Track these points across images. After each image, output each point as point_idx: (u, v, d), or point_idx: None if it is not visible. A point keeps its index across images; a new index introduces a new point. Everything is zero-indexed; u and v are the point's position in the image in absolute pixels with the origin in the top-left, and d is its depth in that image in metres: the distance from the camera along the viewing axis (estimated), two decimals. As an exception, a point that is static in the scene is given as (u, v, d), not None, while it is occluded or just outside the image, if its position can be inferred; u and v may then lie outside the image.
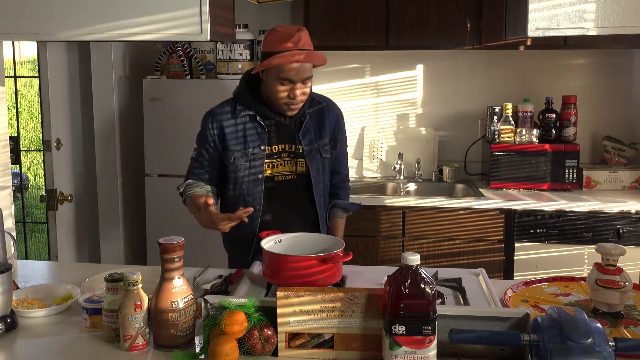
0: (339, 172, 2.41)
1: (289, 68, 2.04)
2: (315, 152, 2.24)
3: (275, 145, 2.21)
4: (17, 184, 5.32)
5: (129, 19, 1.89)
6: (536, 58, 3.75)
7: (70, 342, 1.62)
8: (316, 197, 2.26)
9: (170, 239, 1.55)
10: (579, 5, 1.81)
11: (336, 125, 2.31)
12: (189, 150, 3.48)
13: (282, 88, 2.08)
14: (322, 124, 2.26)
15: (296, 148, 2.22)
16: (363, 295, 1.47)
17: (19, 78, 5.49)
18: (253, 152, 2.18)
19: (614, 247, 1.73)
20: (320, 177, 2.27)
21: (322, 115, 2.27)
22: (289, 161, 2.23)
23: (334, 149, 2.31)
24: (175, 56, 3.58)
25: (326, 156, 2.28)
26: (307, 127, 2.23)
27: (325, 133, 2.27)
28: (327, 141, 2.28)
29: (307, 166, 2.22)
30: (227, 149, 2.20)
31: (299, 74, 2.06)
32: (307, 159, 2.21)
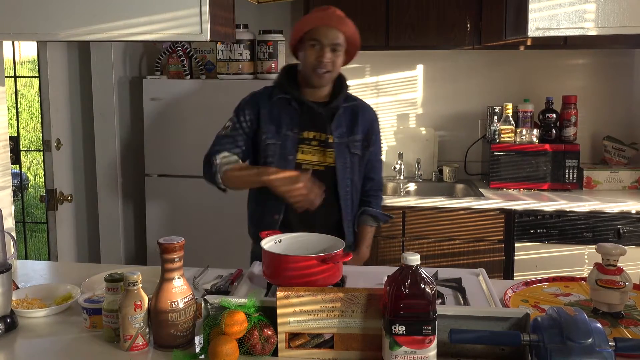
0: (371, 178, 2.37)
1: (318, 30, 2.14)
2: (344, 146, 2.24)
3: (307, 132, 2.23)
4: (17, 184, 5.32)
5: (129, 19, 1.89)
6: (536, 58, 3.75)
7: (70, 342, 1.62)
8: (341, 191, 2.24)
9: (170, 239, 1.55)
10: (579, 5, 1.81)
11: (371, 127, 2.32)
12: (189, 150, 3.51)
13: (313, 50, 2.15)
14: (355, 121, 2.28)
15: (326, 137, 2.23)
16: (363, 295, 1.47)
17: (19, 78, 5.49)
18: (285, 133, 2.21)
19: (614, 247, 1.73)
20: (348, 173, 2.25)
21: (356, 113, 2.29)
22: (318, 150, 2.24)
23: (366, 148, 2.30)
24: (175, 56, 3.59)
25: (355, 152, 2.27)
26: (340, 120, 2.25)
27: (357, 130, 2.27)
28: (359, 138, 2.27)
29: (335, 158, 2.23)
30: (260, 129, 2.23)
31: (327, 37, 2.13)
32: (335, 150, 2.22)
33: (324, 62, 2.15)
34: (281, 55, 3.48)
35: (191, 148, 3.51)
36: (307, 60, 2.18)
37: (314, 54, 2.15)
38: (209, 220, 3.48)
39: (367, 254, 2.37)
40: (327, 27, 2.14)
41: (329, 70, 2.17)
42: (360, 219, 2.35)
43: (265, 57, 3.47)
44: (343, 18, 2.18)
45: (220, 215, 3.46)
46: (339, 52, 2.17)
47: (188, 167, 3.52)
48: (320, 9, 2.23)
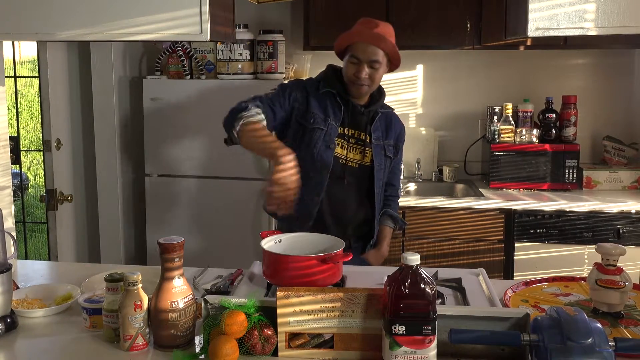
0: (392, 185, 2.48)
1: (357, 46, 2.20)
2: (380, 148, 2.33)
3: (347, 128, 2.30)
4: (17, 184, 5.32)
5: (129, 19, 1.89)
6: (536, 58, 3.75)
7: (70, 342, 1.62)
8: (376, 189, 2.33)
9: (170, 239, 1.55)
10: (579, 5, 1.81)
11: (400, 135, 2.43)
12: (189, 150, 3.51)
13: (351, 66, 2.22)
14: (390, 127, 2.39)
15: (365, 137, 2.31)
16: (363, 295, 1.47)
17: (19, 78, 5.49)
18: (331, 123, 2.27)
19: (614, 247, 1.73)
20: (381, 174, 2.35)
21: (390, 120, 2.40)
22: (356, 148, 2.31)
23: (395, 155, 2.41)
24: (175, 56, 3.58)
25: (389, 155, 2.37)
26: (377, 123, 2.34)
27: (390, 135, 2.38)
28: (392, 143, 2.38)
29: (371, 158, 2.31)
30: (309, 111, 2.25)
31: (365, 54, 2.19)
32: (373, 151, 2.31)
33: (361, 79, 2.21)
34: (281, 55, 3.48)
35: (191, 148, 3.51)
36: (346, 73, 2.25)
37: (353, 69, 2.22)
38: (209, 220, 3.48)
39: (387, 251, 2.45)
40: (366, 43, 2.19)
41: (367, 85, 2.24)
42: (380, 218, 2.44)
43: (265, 57, 3.47)
44: (382, 36, 2.19)
45: (220, 215, 3.46)
46: (378, 68, 2.22)
47: (188, 167, 3.52)
48: (363, 22, 2.26)
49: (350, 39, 2.22)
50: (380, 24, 2.23)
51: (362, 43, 2.20)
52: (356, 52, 2.20)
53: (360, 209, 2.35)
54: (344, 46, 2.25)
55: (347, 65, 2.25)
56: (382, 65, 2.22)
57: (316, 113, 2.26)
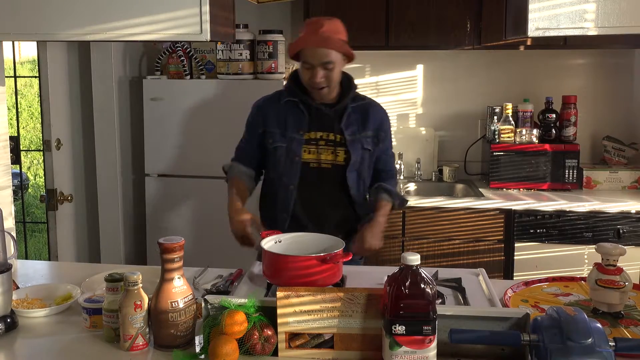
0: (384, 170, 2.42)
1: (306, 52, 2.18)
2: (357, 142, 2.29)
3: (315, 132, 2.28)
4: (17, 184, 5.32)
5: (129, 19, 1.89)
6: (536, 58, 3.75)
7: (70, 342, 1.62)
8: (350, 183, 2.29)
9: (170, 239, 1.55)
10: (579, 5, 1.81)
11: (381, 123, 2.36)
12: (189, 150, 3.51)
13: (306, 72, 2.21)
14: (366, 118, 2.32)
15: (335, 136, 2.28)
16: (363, 295, 1.47)
17: (19, 78, 5.49)
18: (292, 135, 2.27)
19: (614, 247, 1.73)
20: (356, 168, 2.31)
21: (366, 110, 2.34)
22: (327, 149, 2.29)
23: (376, 145, 2.34)
24: (175, 56, 3.58)
25: (367, 147, 2.32)
26: (350, 119, 2.30)
27: (368, 126, 2.32)
28: (370, 134, 2.32)
29: (345, 156, 2.28)
30: (267, 132, 2.31)
31: (316, 58, 2.17)
32: (349, 147, 2.27)
33: (317, 83, 2.20)
34: (281, 55, 3.48)
35: (191, 148, 3.51)
36: (303, 78, 2.24)
37: (307, 75, 2.21)
38: (209, 220, 3.48)
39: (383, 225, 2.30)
40: (315, 48, 2.17)
41: (326, 86, 2.23)
42: (374, 192, 2.38)
43: (265, 57, 3.47)
44: (328, 36, 2.17)
45: (220, 215, 3.43)
46: (332, 68, 2.20)
47: (188, 167, 3.52)
48: (308, 25, 2.23)
49: (298, 45, 2.20)
50: (326, 23, 2.20)
51: (310, 48, 2.18)
52: (307, 57, 2.19)
53: (338, 209, 2.32)
54: (295, 53, 2.23)
55: (302, 71, 2.23)
56: (336, 63, 2.20)
57: (273, 131, 2.29)
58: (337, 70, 2.21)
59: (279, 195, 2.31)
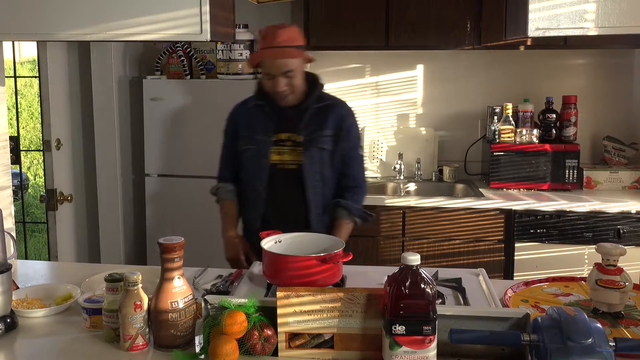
0: (346, 174, 2.39)
1: (265, 64, 2.23)
2: (314, 143, 2.30)
3: (281, 134, 2.33)
4: (17, 184, 5.32)
5: (129, 19, 1.89)
6: (536, 58, 3.75)
7: (70, 342, 1.62)
8: (307, 185, 2.30)
9: (170, 239, 1.55)
10: (579, 5, 1.81)
11: (341, 122, 2.35)
12: (189, 150, 3.51)
13: (268, 81, 2.26)
14: (325, 118, 2.33)
15: (297, 137, 2.32)
16: (363, 295, 1.47)
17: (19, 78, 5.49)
18: (260, 138, 2.32)
19: (614, 247, 1.73)
20: (316, 168, 2.31)
21: (326, 111, 2.35)
22: (291, 150, 2.32)
23: (336, 144, 2.33)
24: (175, 56, 3.58)
25: (325, 147, 2.32)
26: (309, 119, 2.31)
27: (327, 125, 2.33)
28: (328, 133, 2.32)
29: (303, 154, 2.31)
30: (237, 137, 2.39)
31: (275, 68, 2.21)
32: (305, 147, 2.30)
33: (280, 92, 2.25)
34: (281, 55, 3.48)
35: (191, 148, 3.51)
36: (266, 88, 2.29)
37: (269, 84, 2.26)
38: (209, 220, 3.45)
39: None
40: (273, 59, 2.21)
41: (289, 93, 2.27)
42: (333, 211, 2.37)
43: (265, 57, 3.46)
44: (284, 48, 2.20)
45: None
46: (293, 75, 2.23)
47: (188, 167, 3.52)
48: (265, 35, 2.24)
49: (258, 57, 2.25)
50: (280, 33, 2.21)
51: (269, 60, 2.21)
52: (267, 68, 2.23)
53: (298, 209, 2.33)
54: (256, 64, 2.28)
55: (264, 81, 2.28)
56: (296, 69, 2.23)
57: (243, 135, 2.36)
58: (298, 76, 2.26)
59: (250, 196, 2.38)
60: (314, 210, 2.32)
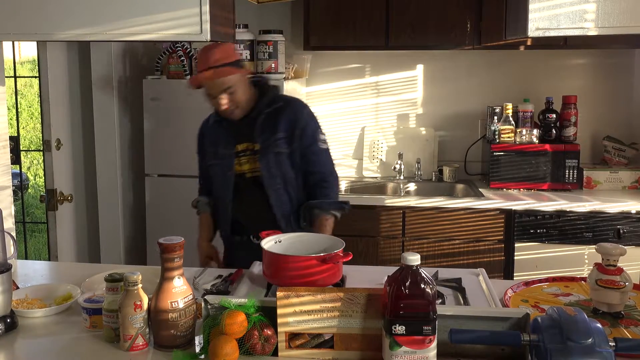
0: (312, 172, 2.39)
1: (205, 85, 2.27)
2: (269, 149, 2.32)
3: (240, 145, 2.37)
4: (17, 184, 5.32)
5: (129, 19, 1.89)
6: (536, 58, 3.75)
7: (70, 342, 1.62)
8: (269, 192, 2.33)
9: (170, 239, 1.55)
10: (579, 5, 1.81)
11: (294, 122, 2.34)
12: (189, 150, 3.49)
13: (212, 101, 2.31)
14: (277, 121, 2.34)
15: (255, 145, 2.35)
16: (363, 295, 1.47)
17: (19, 78, 5.49)
18: (222, 152, 2.39)
19: (614, 247, 1.73)
20: (275, 172, 2.33)
21: (278, 113, 2.35)
22: (250, 158, 2.36)
23: (290, 144, 2.33)
24: (175, 56, 3.58)
25: (280, 151, 2.32)
26: (262, 126, 2.33)
27: (279, 129, 2.33)
28: (281, 136, 2.33)
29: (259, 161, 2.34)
30: (205, 152, 2.48)
31: (215, 88, 2.25)
32: (260, 155, 2.33)
33: (225, 110, 2.28)
34: (281, 55, 3.48)
35: (191, 148, 3.49)
36: (212, 105, 2.34)
37: (214, 103, 2.30)
38: (209, 220, 3.47)
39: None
40: (211, 81, 2.24)
41: (235, 108, 2.29)
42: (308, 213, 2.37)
43: (265, 57, 3.47)
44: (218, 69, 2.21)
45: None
46: (234, 91, 2.25)
47: (188, 167, 3.50)
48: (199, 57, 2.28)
49: (196, 81, 2.28)
50: (213, 53, 2.23)
51: (207, 82, 2.24)
52: (207, 89, 2.27)
53: (266, 213, 2.34)
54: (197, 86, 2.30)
55: (208, 100, 2.32)
56: (235, 85, 2.25)
57: (209, 151, 2.44)
58: (239, 90, 2.27)
59: (219, 207, 2.46)
60: (279, 213, 2.34)
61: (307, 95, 3.97)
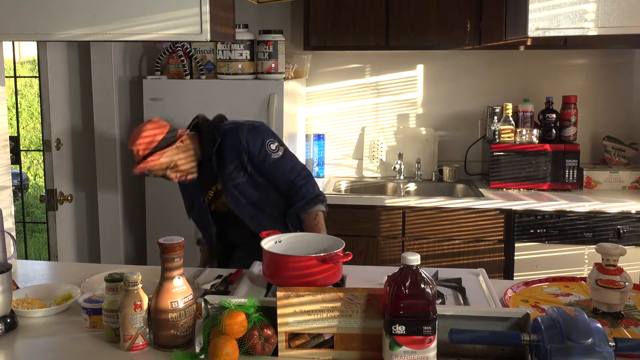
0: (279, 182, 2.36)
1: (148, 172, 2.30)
2: (228, 184, 2.34)
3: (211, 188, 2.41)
4: (17, 184, 5.32)
5: (129, 19, 1.89)
6: (536, 58, 3.75)
7: (70, 342, 1.62)
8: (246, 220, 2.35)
9: (170, 239, 1.55)
10: (579, 5, 1.81)
11: (237, 150, 2.30)
12: (189, 150, 3.49)
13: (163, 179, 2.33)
14: (222, 157, 2.33)
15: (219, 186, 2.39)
16: (363, 295, 1.47)
17: (19, 78, 5.49)
18: (197, 204, 2.46)
19: (614, 247, 1.73)
20: (243, 202, 2.34)
21: (221, 148, 2.33)
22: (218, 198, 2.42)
23: (244, 171, 2.31)
24: (175, 56, 3.58)
25: (238, 181, 2.32)
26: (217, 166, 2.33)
27: (229, 159, 2.31)
28: (232, 168, 2.31)
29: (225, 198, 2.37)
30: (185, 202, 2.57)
31: (157, 172, 2.28)
32: (224, 193, 2.36)
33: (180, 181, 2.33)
34: (281, 55, 3.48)
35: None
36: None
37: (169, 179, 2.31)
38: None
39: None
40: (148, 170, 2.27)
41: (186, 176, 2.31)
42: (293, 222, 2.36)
43: (265, 57, 3.47)
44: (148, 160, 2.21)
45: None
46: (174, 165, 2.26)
47: (188, 167, 3.51)
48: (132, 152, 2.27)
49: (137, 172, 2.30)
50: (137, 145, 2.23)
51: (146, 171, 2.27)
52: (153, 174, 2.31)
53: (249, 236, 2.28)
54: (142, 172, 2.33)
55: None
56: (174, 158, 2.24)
57: (186, 205, 2.54)
58: (181, 161, 2.27)
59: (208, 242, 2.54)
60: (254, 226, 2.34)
61: (307, 95, 3.97)
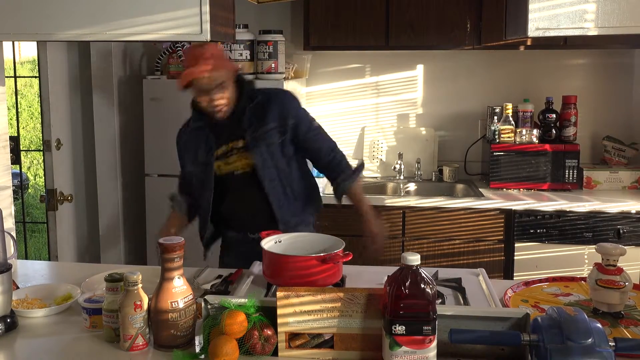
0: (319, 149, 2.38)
1: (198, 81, 2.18)
2: (259, 141, 2.27)
3: (226, 145, 2.31)
4: (17, 184, 5.32)
5: (129, 19, 1.89)
6: (536, 58, 3.75)
7: (70, 342, 1.62)
8: (264, 183, 2.27)
9: (170, 239, 1.55)
10: (579, 5, 1.81)
11: (285, 112, 2.30)
12: (189, 150, 3.50)
13: (203, 98, 2.22)
14: (264, 113, 2.29)
15: (239, 142, 2.30)
16: (363, 295, 1.47)
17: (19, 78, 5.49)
18: (201, 160, 2.34)
19: (614, 247, 1.73)
20: (269, 164, 2.28)
21: (263, 106, 2.30)
22: (241, 156, 2.30)
23: (283, 134, 2.30)
24: (175, 56, 3.58)
25: (272, 142, 2.28)
26: (248, 121, 2.28)
27: (268, 119, 2.29)
28: (272, 127, 2.28)
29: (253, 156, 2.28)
30: (183, 158, 2.45)
31: (207, 85, 2.18)
32: (251, 148, 2.27)
33: (218, 105, 2.22)
34: (281, 55, 3.48)
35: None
36: (202, 105, 2.25)
37: (205, 100, 2.22)
38: (209, 220, 3.47)
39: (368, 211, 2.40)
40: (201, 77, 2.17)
41: (226, 105, 2.24)
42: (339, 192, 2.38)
43: (265, 57, 3.47)
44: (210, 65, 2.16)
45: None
46: (225, 87, 2.21)
47: (188, 167, 3.51)
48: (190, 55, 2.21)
49: (188, 77, 2.19)
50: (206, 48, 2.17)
51: (201, 77, 2.17)
52: (200, 86, 2.19)
53: (260, 211, 2.31)
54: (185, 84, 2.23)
55: (199, 99, 2.24)
56: (227, 81, 2.21)
57: (187, 158, 2.41)
58: (230, 87, 2.23)
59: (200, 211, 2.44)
60: (275, 203, 2.30)
61: (307, 95, 3.97)
